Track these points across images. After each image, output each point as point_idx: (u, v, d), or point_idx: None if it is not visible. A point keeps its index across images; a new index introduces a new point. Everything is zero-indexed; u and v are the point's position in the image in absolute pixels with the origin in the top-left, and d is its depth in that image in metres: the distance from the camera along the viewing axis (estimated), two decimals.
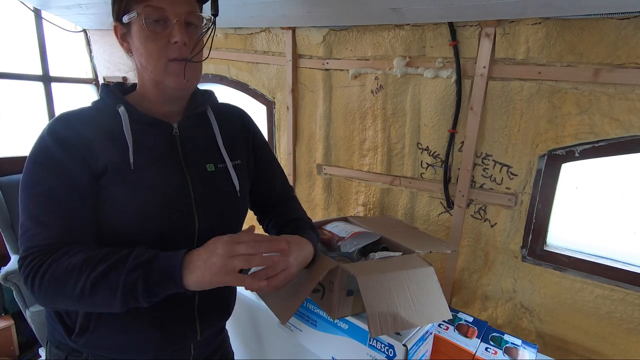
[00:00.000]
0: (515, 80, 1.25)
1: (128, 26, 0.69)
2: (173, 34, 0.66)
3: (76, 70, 2.64)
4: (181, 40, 0.66)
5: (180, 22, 0.66)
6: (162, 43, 0.67)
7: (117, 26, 0.71)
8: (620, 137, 1.12)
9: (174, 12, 0.66)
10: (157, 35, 0.66)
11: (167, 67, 0.68)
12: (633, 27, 1.05)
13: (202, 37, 0.71)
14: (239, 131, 0.86)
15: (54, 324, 0.75)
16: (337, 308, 0.94)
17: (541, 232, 1.30)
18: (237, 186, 0.79)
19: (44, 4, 2.08)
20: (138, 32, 0.67)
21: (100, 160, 0.66)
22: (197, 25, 0.70)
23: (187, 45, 0.68)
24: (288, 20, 1.61)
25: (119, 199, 0.66)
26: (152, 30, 0.66)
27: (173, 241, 0.70)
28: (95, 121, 0.69)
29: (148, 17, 0.65)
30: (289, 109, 1.82)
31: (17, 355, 2.08)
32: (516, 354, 1.01)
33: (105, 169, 0.66)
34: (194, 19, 0.69)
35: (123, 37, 0.71)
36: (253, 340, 1.26)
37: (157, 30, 0.66)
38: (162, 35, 0.67)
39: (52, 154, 0.64)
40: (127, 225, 0.67)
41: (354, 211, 1.77)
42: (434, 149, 1.47)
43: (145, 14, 0.65)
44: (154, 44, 0.67)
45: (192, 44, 0.69)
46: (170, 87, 0.70)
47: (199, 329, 0.79)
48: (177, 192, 0.71)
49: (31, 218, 0.62)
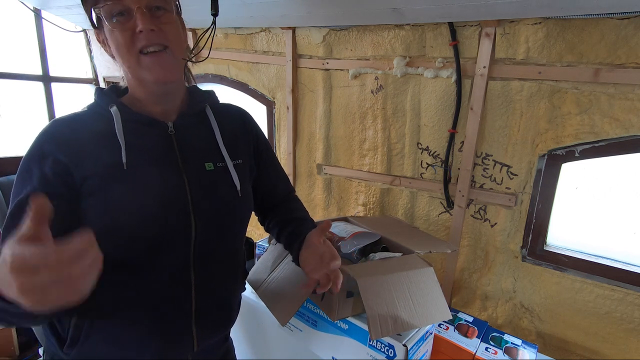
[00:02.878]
0: (515, 80, 1.25)
1: (102, 29, 0.67)
2: (136, 23, 0.63)
3: (76, 70, 2.64)
4: (145, 28, 0.63)
5: (140, 9, 0.63)
6: (129, 35, 0.64)
7: (97, 32, 0.69)
8: (620, 137, 1.12)
9: (132, 0, 0.63)
10: (122, 28, 0.64)
11: (140, 61, 0.65)
12: (633, 27, 1.04)
13: (201, 37, 0.71)
14: (240, 131, 0.84)
15: (48, 334, 0.72)
16: (337, 309, 0.94)
17: (541, 232, 1.30)
18: (238, 185, 0.77)
19: (44, 4, 2.08)
20: (107, 30, 0.65)
21: (88, 165, 0.64)
22: (165, 9, 0.66)
23: (157, 30, 0.64)
24: (288, 20, 1.61)
25: (113, 201, 0.64)
26: (117, 23, 0.64)
27: (170, 242, 0.68)
28: (88, 125, 0.68)
29: (110, 13, 0.63)
30: (289, 109, 1.82)
31: (17, 355, 2.08)
32: (516, 354, 1.02)
33: (95, 173, 0.64)
34: (159, 1, 0.65)
35: (104, 42, 0.70)
36: (253, 340, 1.26)
37: (121, 23, 0.64)
38: (127, 27, 0.64)
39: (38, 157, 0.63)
40: (123, 227, 0.65)
41: (354, 211, 1.77)
42: (434, 149, 1.47)
43: (105, 10, 0.63)
44: (121, 37, 0.64)
45: (166, 30, 0.65)
46: (149, 81, 0.68)
47: (196, 340, 0.75)
48: (173, 191, 0.69)
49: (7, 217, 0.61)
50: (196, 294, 0.73)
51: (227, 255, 0.80)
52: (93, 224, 0.64)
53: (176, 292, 0.71)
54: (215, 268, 0.76)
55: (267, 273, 1.10)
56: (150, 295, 0.69)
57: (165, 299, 0.70)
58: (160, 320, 0.70)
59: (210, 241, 0.73)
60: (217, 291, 0.78)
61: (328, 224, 0.74)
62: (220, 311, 0.80)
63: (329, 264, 0.69)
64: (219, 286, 0.79)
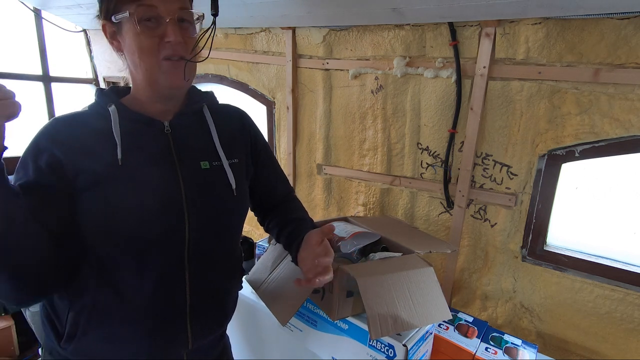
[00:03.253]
0: (515, 80, 1.25)
1: (118, 25, 0.68)
2: (167, 33, 0.65)
3: (76, 70, 2.64)
4: (175, 40, 0.65)
5: (173, 20, 0.66)
6: (155, 41, 0.66)
7: (106, 25, 0.70)
8: (620, 137, 1.12)
9: (166, 10, 0.65)
10: (150, 33, 0.66)
11: (161, 66, 0.67)
12: (633, 27, 1.04)
13: (201, 37, 0.71)
14: (238, 131, 0.85)
15: (46, 329, 0.73)
16: (337, 309, 0.94)
17: (541, 232, 1.30)
18: (234, 184, 0.77)
19: (44, 4, 2.08)
20: (130, 30, 0.66)
21: (84, 161, 0.65)
22: (189, 22, 0.69)
23: (181, 43, 0.67)
24: (288, 20, 1.61)
25: (111, 199, 0.65)
26: (145, 28, 0.65)
27: (164, 240, 0.69)
28: (87, 123, 0.69)
29: (140, 16, 0.65)
30: (289, 109, 1.82)
31: (17, 355, 2.08)
32: (516, 354, 1.02)
33: (90, 169, 0.65)
34: (186, 15, 0.68)
35: (112, 35, 0.71)
36: (253, 340, 1.26)
37: (150, 29, 0.65)
38: (155, 33, 0.66)
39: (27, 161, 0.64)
40: (118, 224, 0.65)
41: (354, 211, 1.77)
42: (434, 149, 1.47)
43: (138, 13, 0.64)
44: (147, 42, 0.66)
45: (189, 42, 0.68)
46: (164, 85, 0.69)
47: (191, 337, 0.75)
48: (168, 189, 0.70)
49: None
50: (191, 292, 0.73)
51: (222, 253, 0.80)
52: (88, 220, 0.65)
53: (170, 290, 0.72)
54: (210, 266, 0.77)
55: (267, 273, 1.10)
56: (145, 293, 0.69)
57: (159, 297, 0.70)
58: (155, 318, 0.71)
59: (205, 240, 0.74)
60: (212, 290, 0.79)
61: (330, 229, 0.74)
62: (215, 310, 0.81)
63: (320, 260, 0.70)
64: (214, 285, 0.79)
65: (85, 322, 0.69)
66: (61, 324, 0.71)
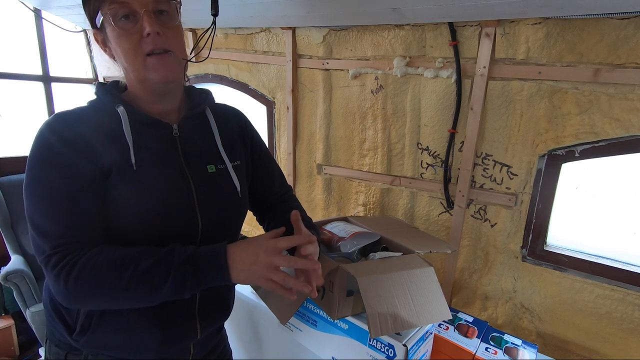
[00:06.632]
0: (515, 80, 1.25)
1: (103, 30, 0.67)
2: (144, 26, 0.63)
3: (76, 70, 2.64)
4: (152, 31, 0.63)
5: (148, 12, 0.64)
6: (136, 38, 0.64)
7: (96, 32, 0.70)
8: (620, 137, 1.12)
9: (139, 3, 0.63)
10: (129, 31, 0.64)
11: (146, 63, 0.66)
12: (633, 27, 1.04)
13: (201, 37, 0.71)
14: (236, 132, 0.86)
15: (55, 322, 0.75)
16: (337, 308, 0.94)
17: (541, 232, 1.30)
18: (238, 187, 0.80)
19: (44, 4, 2.08)
20: (111, 32, 0.66)
21: (104, 159, 0.65)
22: (168, 12, 0.67)
23: (162, 34, 0.65)
24: (288, 20, 1.61)
25: (122, 200, 0.66)
26: (123, 27, 0.64)
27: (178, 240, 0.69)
28: (94, 121, 0.68)
29: (115, 15, 0.64)
30: (289, 109, 1.82)
31: (17, 355, 2.08)
32: (516, 354, 1.01)
33: (110, 169, 0.65)
34: (163, 5, 0.66)
35: (103, 42, 0.70)
36: (253, 341, 1.26)
37: (128, 27, 0.64)
38: (134, 30, 0.64)
39: (58, 152, 0.62)
40: (130, 226, 0.66)
41: (354, 211, 1.77)
42: (434, 149, 1.47)
43: (112, 12, 0.63)
44: (127, 41, 0.65)
45: (169, 33, 0.67)
46: (155, 81, 0.68)
47: (200, 329, 0.79)
48: (179, 193, 0.71)
49: (46, 216, 0.61)
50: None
51: None
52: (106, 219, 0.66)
53: None
54: None
55: None
56: None
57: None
58: (168, 312, 0.73)
59: (214, 239, 0.75)
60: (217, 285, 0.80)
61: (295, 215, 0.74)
62: (220, 303, 0.85)
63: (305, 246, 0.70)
64: None
65: (99, 316, 0.70)
66: (72, 317, 0.72)
